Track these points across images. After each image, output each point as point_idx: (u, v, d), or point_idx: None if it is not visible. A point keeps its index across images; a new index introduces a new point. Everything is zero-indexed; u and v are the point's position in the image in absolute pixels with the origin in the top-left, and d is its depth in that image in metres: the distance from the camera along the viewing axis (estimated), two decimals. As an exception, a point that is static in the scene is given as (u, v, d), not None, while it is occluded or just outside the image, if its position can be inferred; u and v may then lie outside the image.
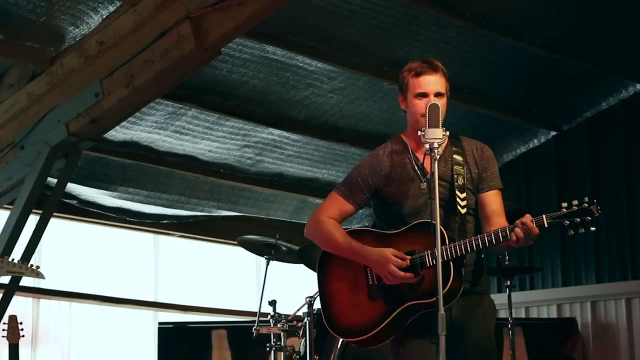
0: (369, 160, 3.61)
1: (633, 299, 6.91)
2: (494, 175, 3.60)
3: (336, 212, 3.60)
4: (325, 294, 3.59)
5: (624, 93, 7.15)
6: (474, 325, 3.52)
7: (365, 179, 3.58)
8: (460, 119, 7.11)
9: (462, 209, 3.48)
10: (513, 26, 6.07)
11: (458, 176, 3.51)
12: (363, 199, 3.60)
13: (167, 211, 7.05)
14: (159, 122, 6.09)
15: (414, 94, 3.54)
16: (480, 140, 8.30)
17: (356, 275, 3.53)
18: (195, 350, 6.66)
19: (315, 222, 3.61)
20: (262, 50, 5.71)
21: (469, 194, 3.54)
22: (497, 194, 3.58)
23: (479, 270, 3.58)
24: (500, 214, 3.53)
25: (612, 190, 7.16)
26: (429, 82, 3.54)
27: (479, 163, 3.59)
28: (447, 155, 3.56)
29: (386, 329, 3.45)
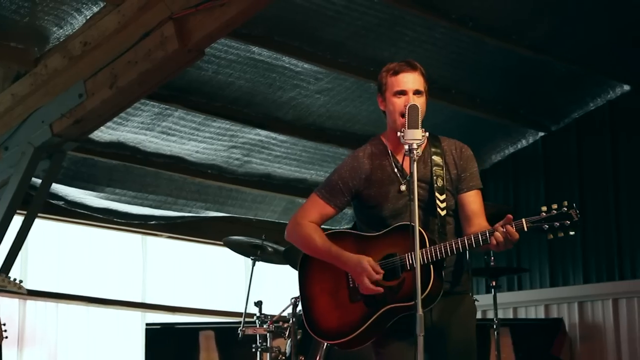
0: (349, 163, 3.61)
1: (620, 300, 6.92)
2: (473, 176, 3.59)
3: (316, 214, 3.60)
4: (306, 296, 3.60)
5: (612, 94, 7.16)
6: (455, 325, 3.52)
7: (345, 182, 3.57)
8: (447, 120, 7.12)
9: (442, 210, 3.48)
10: (499, 27, 6.08)
11: (437, 177, 3.51)
12: (343, 202, 3.60)
13: (154, 212, 7.04)
14: (145, 123, 6.09)
15: (392, 93, 3.54)
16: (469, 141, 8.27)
17: (337, 278, 3.53)
18: (183, 351, 6.66)
19: (295, 225, 3.61)
20: (248, 51, 5.71)
21: (448, 195, 3.54)
22: (476, 194, 3.57)
23: (460, 270, 3.58)
24: (480, 214, 3.52)
25: (600, 190, 7.18)
26: (407, 80, 3.54)
27: (458, 163, 3.59)
28: (426, 156, 3.56)
29: (366, 331, 3.46)
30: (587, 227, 7.19)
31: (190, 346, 6.62)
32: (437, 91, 6.67)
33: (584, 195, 7.26)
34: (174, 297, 7.41)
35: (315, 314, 3.55)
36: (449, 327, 3.50)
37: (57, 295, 6.74)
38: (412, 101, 3.49)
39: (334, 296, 3.52)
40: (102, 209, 6.79)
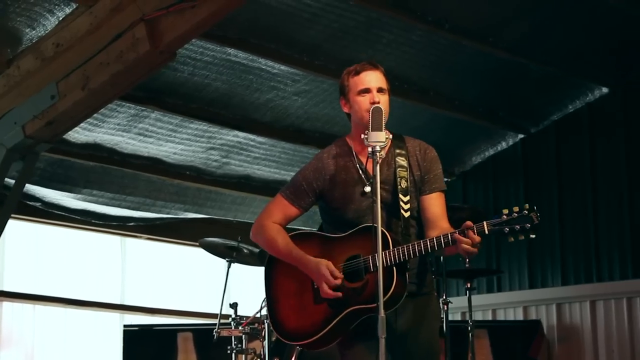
0: (313, 164, 3.62)
1: (597, 301, 6.94)
2: (437, 177, 3.60)
3: (281, 215, 3.62)
4: (271, 297, 3.61)
5: (590, 96, 7.18)
6: (420, 326, 3.54)
7: (309, 183, 3.58)
8: (427, 122, 7.14)
9: (406, 212, 3.49)
10: (475, 29, 6.09)
11: (401, 179, 3.52)
12: (308, 203, 3.61)
13: (133, 213, 7.03)
14: (122, 125, 6.08)
15: (356, 92, 3.56)
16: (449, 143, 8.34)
17: (302, 279, 3.54)
18: (161, 353, 6.66)
19: (259, 226, 3.63)
20: (224, 53, 5.71)
21: (412, 197, 3.54)
22: (439, 196, 3.58)
23: (424, 271, 3.59)
24: (443, 216, 3.53)
25: (578, 192, 7.20)
26: (370, 79, 3.56)
27: (422, 165, 3.60)
28: (390, 157, 3.56)
29: (330, 332, 3.47)
30: (565, 229, 7.21)
31: (168, 348, 6.62)
32: (415, 93, 6.69)
33: (563, 197, 7.28)
34: (153, 298, 7.40)
35: (281, 314, 3.57)
36: (414, 328, 3.52)
37: (34, 296, 6.72)
38: (376, 98, 3.51)
39: (298, 297, 3.53)
40: (80, 210, 6.77)
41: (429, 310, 3.58)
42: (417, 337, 3.52)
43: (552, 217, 7.28)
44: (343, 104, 3.62)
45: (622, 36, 6.54)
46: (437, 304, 3.67)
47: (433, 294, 3.65)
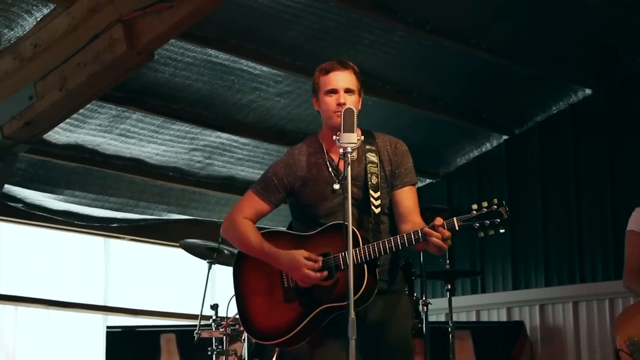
0: (284, 160, 3.62)
1: (580, 303, 6.96)
2: (408, 171, 3.60)
3: (252, 211, 3.61)
4: (241, 295, 3.60)
5: (574, 97, 7.19)
6: (392, 324, 3.54)
7: (280, 179, 3.59)
8: (411, 123, 7.15)
9: (376, 208, 3.49)
10: (457, 31, 6.10)
11: (372, 175, 3.52)
12: (278, 198, 3.61)
13: (116, 214, 7.02)
14: (103, 126, 6.07)
15: (324, 92, 3.56)
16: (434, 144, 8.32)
17: (272, 277, 3.54)
18: (144, 354, 6.66)
19: (230, 222, 3.63)
20: (204, 54, 5.70)
21: (383, 192, 3.54)
22: (411, 189, 3.59)
23: (395, 268, 3.59)
24: (415, 211, 3.54)
25: (562, 193, 7.21)
26: (338, 79, 3.55)
27: (393, 159, 3.60)
28: (360, 154, 3.55)
29: (302, 331, 3.47)
30: (548, 230, 7.23)
31: (151, 349, 6.61)
32: (398, 94, 6.69)
33: (546, 198, 7.29)
34: (136, 299, 7.39)
35: (251, 313, 3.56)
36: (385, 326, 3.52)
37: (16, 298, 6.70)
38: (342, 99, 3.51)
39: (268, 296, 3.53)
40: (62, 211, 6.76)
41: (400, 307, 3.58)
42: (388, 334, 3.52)
43: (535, 218, 7.30)
44: (314, 102, 3.64)
45: (605, 38, 6.56)
46: (407, 301, 3.68)
47: (404, 291, 3.67)
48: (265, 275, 3.55)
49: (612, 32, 6.50)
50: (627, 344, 4.50)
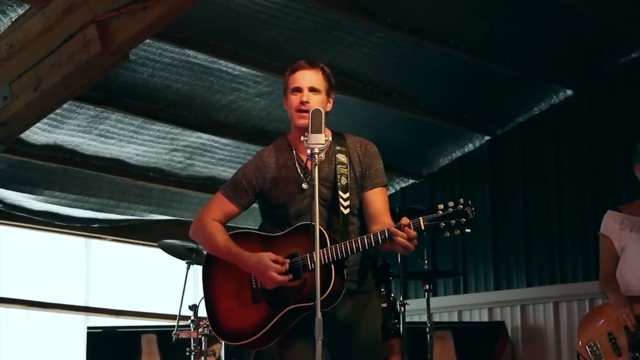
0: (254, 162, 3.64)
1: (560, 303, 6.97)
2: (378, 172, 3.62)
3: (220, 213, 3.63)
4: (210, 297, 3.62)
5: (555, 98, 7.20)
6: (361, 324, 3.56)
7: (249, 181, 3.60)
8: (392, 124, 7.16)
9: (345, 209, 3.51)
10: (436, 31, 6.10)
11: (341, 176, 3.53)
12: (247, 201, 3.63)
13: (97, 215, 7.01)
14: (82, 126, 6.06)
15: (290, 91, 3.58)
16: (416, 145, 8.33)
17: (240, 278, 3.55)
18: (125, 355, 6.65)
19: (198, 224, 3.64)
20: (183, 54, 5.70)
21: (353, 193, 3.55)
22: (381, 191, 3.60)
23: (365, 269, 3.61)
24: (385, 212, 3.55)
25: (543, 194, 7.22)
26: (303, 78, 3.57)
27: (363, 161, 3.62)
28: (330, 155, 3.57)
29: (270, 332, 3.48)
30: (530, 231, 7.24)
31: (132, 350, 6.61)
32: (379, 95, 6.69)
33: (528, 199, 7.31)
34: (118, 300, 7.38)
35: (219, 314, 3.57)
36: (354, 326, 3.54)
37: (-5, 298, 6.70)
38: (305, 97, 3.52)
39: (237, 297, 3.53)
40: (42, 211, 6.75)
41: (369, 307, 3.60)
42: (357, 334, 3.53)
43: (517, 218, 7.31)
44: (284, 102, 3.65)
45: (586, 39, 6.57)
46: (377, 302, 3.70)
47: (373, 292, 3.67)
48: (233, 276, 3.56)
49: (593, 33, 6.52)
50: (586, 347, 4.54)
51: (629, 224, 4.63)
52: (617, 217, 4.70)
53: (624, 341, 4.44)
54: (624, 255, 4.66)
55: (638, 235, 4.58)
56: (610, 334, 4.49)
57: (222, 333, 3.59)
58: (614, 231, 4.69)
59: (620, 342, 4.46)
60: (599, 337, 4.52)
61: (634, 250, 4.59)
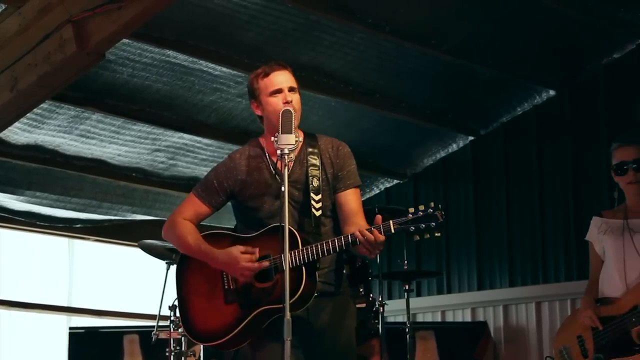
0: (226, 163, 3.66)
1: (542, 303, 6.98)
2: (351, 173, 3.63)
3: (192, 213, 3.65)
4: (183, 297, 3.64)
5: (538, 99, 7.21)
6: (340, 328, 3.58)
7: (221, 182, 3.62)
8: (375, 124, 7.16)
9: (317, 211, 3.52)
10: (417, 32, 6.10)
11: (313, 178, 3.55)
12: (219, 201, 3.65)
13: (79, 215, 7.00)
14: (63, 126, 6.05)
15: (268, 94, 3.59)
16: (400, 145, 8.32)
17: (213, 279, 3.56)
18: (107, 355, 6.64)
19: (170, 223, 3.67)
20: (163, 54, 5.69)
21: (325, 195, 3.57)
22: (354, 192, 3.61)
23: (339, 271, 3.62)
24: (358, 213, 3.56)
25: (526, 194, 7.23)
26: (281, 79, 3.59)
27: (335, 162, 3.63)
28: (302, 156, 3.59)
29: (241, 333, 3.49)
30: (513, 231, 7.25)
31: (114, 350, 6.60)
32: (361, 95, 6.70)
33: (511, 199, 7.32)
34: (101, 300, 7.37)
35: (192, 315, 3.59)
36: (333, 330, 3.56)
37: (-24, 299, 6.69)
38: (289, 97, 3.53)
39: (209, 298, 3.55)
40: (24, 212, 6.74)
41: (347, 310, 3.62)
42: (334, 338, 3.55)
43: (500, 219, 7.32)
44: (254, 107, 3.67)
45: (567, 39, 6.59)
46: (352, 304, 3.71)
47: (347, 294, 3.68)
48: (206, 277, 3.57)
49: (574, 34, 6.53)
50: (558, 351, 4.57)
51: (606, 227, 4.65)
52: (597, 222, 4.74)
53: (591, 343, 4.47)
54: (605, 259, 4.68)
55: (609, 237, 4.60)
56: (579, 337, 4.52)
57: (194, 334, 3.60)
58: (595, 236, 4.73)
59: (587, 344, 4.49)
60: (570, 341, 4.55)
61: (607, 253, 4.61)
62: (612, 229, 4.60)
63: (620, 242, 4.53)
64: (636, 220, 4.55)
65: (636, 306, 4.39)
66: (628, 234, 4.51)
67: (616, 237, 4.56)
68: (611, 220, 4.65)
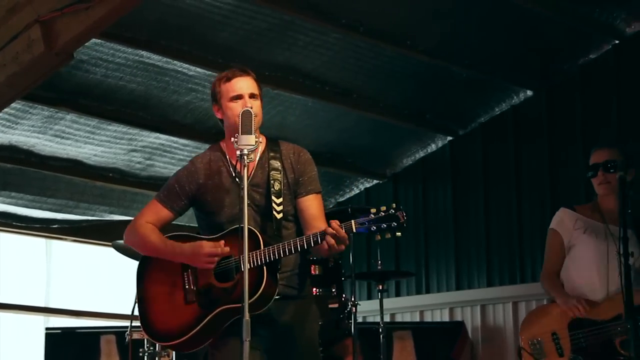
0: (187, 168, 3.69)
1: (519, 302, 7.00)
2: (312, 179, 3.64)
3: (154, 217, 3.65)
4: (143, 298, 3.63)
5: (516, 99, 7.23)
6: (302, 331, 3.58)
7: (182, 186, 3.63)
8: (354, 125, 7.17)
9: (278, 214, 3.53)
10: (392, 33, 6.11)
11: (274, 182, 3.56)
12: (181, 206, 3.65)
13: (56, 215, 6.99)
14: (37, 126, 6.04)
15: (228, 98, 3.61)
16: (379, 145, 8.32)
17: (173, 279, 3.57)
18: (84, 356, 6.63)
19: (132, 227, 3.66)
20: (136, 55, 5.69)
21: (286, 199, 3.58)
22: (315, 197, 3.62)
23: (303, 274, 3.63)
24: (319, 217, 3.57)
25: (504, 194, 7.25)
26: (242, 86, 3.61)
27: (296, 167, 3.64)
28: (264, 160, 3.61)
29: (201, 332, 3.49)
30: (491, 231, 7.26)
31: (91, 350, 6.58)
32: (338, 95, 6.70)
33: (489, 199, 7.33)
34: (79, 301, 7.36)
35: (152, 316, 3.59)
36: (295, 332, 3.56)
37: (-48, 299, 6.67)
38: (249, 104, 3.55)
39: (170, 298, 3.56)
40: (0, 212, 6.72)
41: (310, 313, 3.63)
42: (296, 341, 3.56)
43: (478, 218, 7.34)
44: (216, 110, 3.68)
45: (543, 40, 6.60)
46: (315, 307, 3.70)
47: (312, 297, 3.69)
48: (166, 277, 3.58)
49: (551, 35, 6.55)
50: (529, 343, 4.55)
51: (582, 225, 4.63)
52: (571, 215, 4.69)
53: (567, 342, 4.46)
54: (572, 255, 4.66)
55: (590, 238, 4.57)
56: (554, 333, 4.50)
57: (154, 334, 3.60)
58: (567, 229, 4.67)
59: (563, 342, 4.47)
60: (543, 335, 4.53)
61: (584, 253, 4.57)
62: (594, 230, 4.57)
63: (604, 247, 4.50)
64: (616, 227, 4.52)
65: (620, 315, 4.38)
66: (611, 240, 4.48)
67: (599, 241, 4.53)
68: (589, 220, 4.62)
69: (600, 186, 4.63)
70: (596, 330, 4.41)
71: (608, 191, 4.60)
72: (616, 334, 4.37)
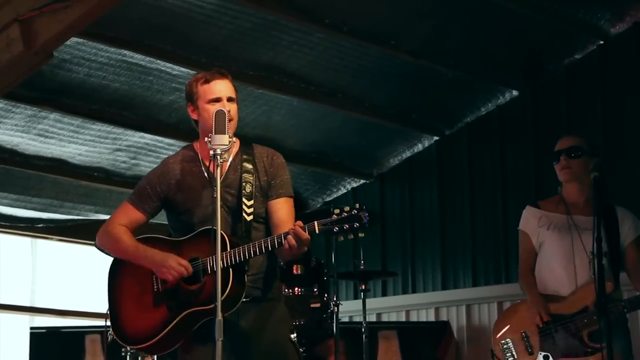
0: (159, 169, 3.68)
1: (504, 302, 6.98)
2: (284, 183, 3.64)
3: (126, 220, 3.65)
4: (113, 301, 3.63)
5: (501, 99, 7.23)
6: (265, 333, 3.57)
7: (154, 187, 3.63)
8: (340, 124, 7.17)
9: (248, 216, 3.53)
10: (376, 33, 6.11)
11: (246, 184, 3.56)
12: (153, 207, 3.65)
13: (41, 215, 6.98)
14: (20, 126, 6.03)
15: (206, 100, 3.60)
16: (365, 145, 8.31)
17: (143, 282, 3.57)
18: (69, 355, 6.63)
19: (104, 230, 3.67)
20: (119, 54, 5.68)
21: (257, 201, 3.58)
22: (285, 201, 3.63)
23: (272, 277, 3.62)
24: (288, 221, 3.57)
25: (489, 194, 7.25)
26: (220, 88, 3.61)
27: (269, 170, 3.64)
28: (237, 162, 3.62)
29: (169, 335, 3.49)
30: (476, 230, 7.27)
31: (76, 350, 6.58)
32: (323, 95, 6.70)
33: (474, 199, 7.33)
34: (64, 300, 7.35)
35: (122, 319, 3.59)
36: (258, 334, 3.55)
37: (-64, 299, 6.66)
38: (227, 107, 3.56)
39: (139, 301, 3.56)
40: (-16, 212, 6.73)
41: (275, 315, 3.61)
42: (259, 343, 3.55)
43: (464, 218, 7.34)
44: (191, 111, 3.67)
45: (529, 40, 6.61)
46: (284, 310, 3.69)
47: (280, 300, 3.68)
48: (136, 281, 3.58)
49: (536, 35, 6.56)
50: (500, 343, 4.56)
51: (546, 221, 4.63)
52: (535, 213, 4.71)
53: (536, 340, 4.47)
54: (541, 252, 4.66)
55: (554, 233, 4.58)
56: (524, 332, 4.52)
57: (123, 336, 3.61)
58: (532, 228, 4.69)
59: (532, 341, 4.48)
60: (513, 336, 4.54)
61: (551, 249, 4.59)
62: (557, 225, 4.58)
63: (567, 240, 4.51)
64: (581, 217, 4.55)
65: (587, 307, 4.40)
66: (576, 232, 4.51)
67: (563, 235, 4.54)
68: (553, 215, 4.63)
69: (562, 171, 4.67)
70: (563, 324, 4.42)
71: (570, 177, 4.62)
72: (583, 326, 4.38)
